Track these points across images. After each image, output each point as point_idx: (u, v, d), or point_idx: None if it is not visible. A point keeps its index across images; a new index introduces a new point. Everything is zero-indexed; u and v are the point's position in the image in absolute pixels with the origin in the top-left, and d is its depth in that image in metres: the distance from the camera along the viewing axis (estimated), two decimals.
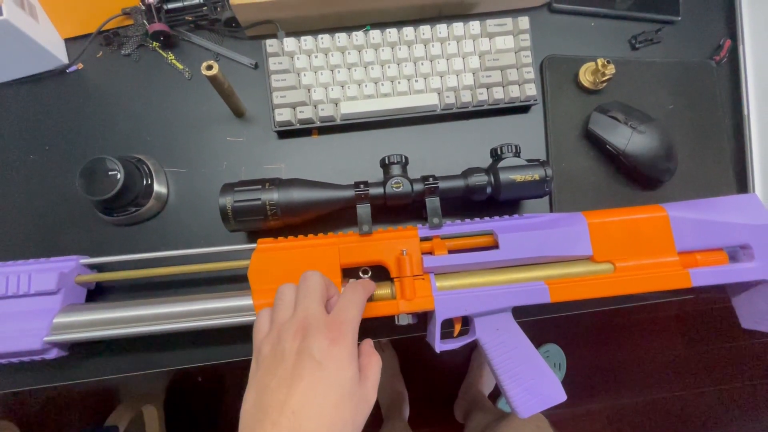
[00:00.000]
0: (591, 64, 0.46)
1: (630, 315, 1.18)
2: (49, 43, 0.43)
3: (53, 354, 0.36)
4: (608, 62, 0.44)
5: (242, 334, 0.40)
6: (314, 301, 0.29)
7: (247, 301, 0.36)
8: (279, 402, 0.24)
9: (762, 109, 0.46)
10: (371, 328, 0.42)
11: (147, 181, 0.42)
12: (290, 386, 0.25)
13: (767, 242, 0.37)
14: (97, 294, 0.41)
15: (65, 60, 0.46)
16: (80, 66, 0.46)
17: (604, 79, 0.45)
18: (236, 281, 0.42)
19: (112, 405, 1.00)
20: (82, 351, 0.40)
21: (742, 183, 0.46)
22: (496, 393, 1.07)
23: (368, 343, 0.31)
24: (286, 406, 0.24)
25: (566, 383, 1.12)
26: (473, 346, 1.12)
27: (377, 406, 1.05)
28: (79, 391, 1.06)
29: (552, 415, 0.59)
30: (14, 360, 0.36)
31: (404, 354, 1.09)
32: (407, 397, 1.05)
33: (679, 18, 0.49)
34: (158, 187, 0.43)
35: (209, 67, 0.37)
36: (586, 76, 0.46)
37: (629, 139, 0.43)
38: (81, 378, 0.40)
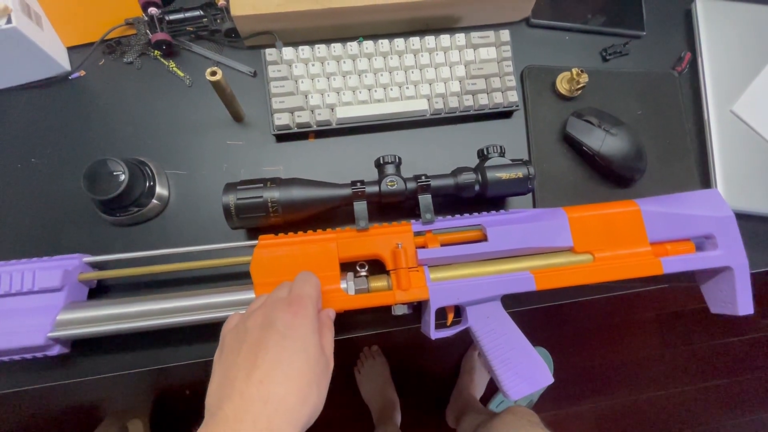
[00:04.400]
0: (567, 74, 0.50)
1: (614, 317, 1.22)
2: (53, 50, 0.45)
3: (56, 350, 0.37)
4: (582, 72, 0.48)
5: None
6: (283, 289, 0.31)
7: (249, 295, 0.38)
8: (244, 374, 0.25)
9: (720, 113, 0.51)
10: (367, 321, 0.44)
11: (149, 182, 0.43)
12: (256, 357, 0.25)
13: (729, 232, 0.41)
14: (98, 293, 0.42)
15: (68, 67, 0.47)
16: (82, 73, 0.48)
17: (579, 87, 0.49)
18: (237, 278, 0.43)
19: (96, 420, 0.97)
20: (84, 348, 0.40)
21: (705, 180, 0.51)
22: (487, 396, 1.08)
23: (325, 313, 0.33)
24: (252, 376, 0.24)
25: (554, 386, 1.14)
26: (463, 351, 1.13)
27: (369, 413, 1.05)
28: (62, 406, 1.03)
29: (540, 416, 0.61)
30: (16, 357, 0.36)
31: (395, 361, 1.10)
32: (398, 404, 1.05)
33: (644, 33, 0.54)
34: (160, 189, 0.44)
35: (213, 73, 0.39)
36: (562, 84, 0.50)
37: (603, 140, 0.46)
38: (83, 376, 0.40)
